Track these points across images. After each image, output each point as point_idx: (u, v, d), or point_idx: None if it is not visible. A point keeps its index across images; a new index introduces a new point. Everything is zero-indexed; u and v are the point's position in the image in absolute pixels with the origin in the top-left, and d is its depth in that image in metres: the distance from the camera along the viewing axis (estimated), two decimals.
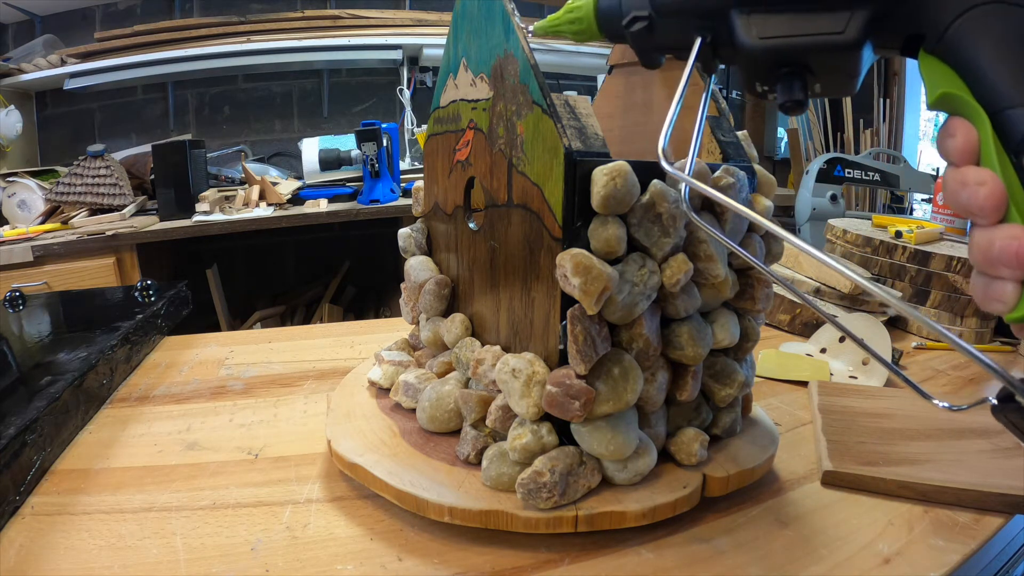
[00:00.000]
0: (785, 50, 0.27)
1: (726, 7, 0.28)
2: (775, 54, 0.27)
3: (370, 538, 0.36)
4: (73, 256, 1.52)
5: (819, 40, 0.26)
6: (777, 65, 0.27)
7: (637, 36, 0.32)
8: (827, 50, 0.26)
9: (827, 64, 0.27)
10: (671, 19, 0.30)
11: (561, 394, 0.34)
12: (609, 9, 0.33)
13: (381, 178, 1.75)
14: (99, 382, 0.55)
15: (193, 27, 2.03)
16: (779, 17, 0.27)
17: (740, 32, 0.27)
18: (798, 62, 0.27)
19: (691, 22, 0.30)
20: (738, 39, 0.27)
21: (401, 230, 0.52)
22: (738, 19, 0.27)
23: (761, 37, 0.27)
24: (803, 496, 0.41)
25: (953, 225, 0.95)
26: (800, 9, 0.26)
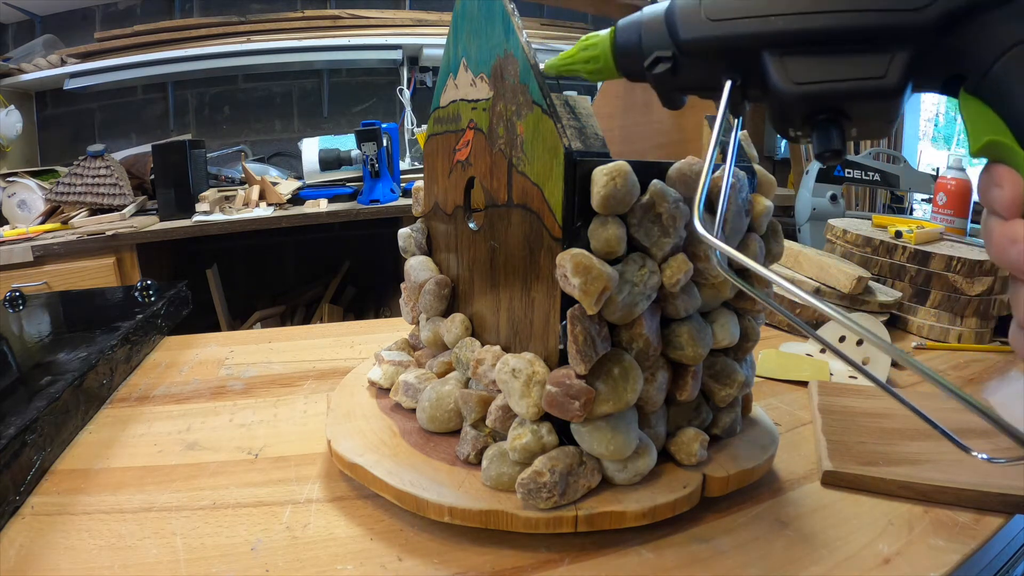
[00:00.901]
0: (822, 96, 0.25)
1: (758, 48, 0.26)
2: (811, 101, 0.25)
3: (370, 538, 0.36)
4: (73, 256, 1.52)
5: (859, 86, 0.24)
6: (813, 112, 0.25)
7: (660, 78, 0.30)
8: (867, 96, 0.24)
9: (866, 110, 0.25)
10: (697, 59, 0.28)
11: (561, 394, 0.34)
12: (628, 47, 0.31)
13: (381, 178, 1.75)
14: (99, 382, 0.55)
15: (193, 27, 2.03)
16: (814, 60, 0.25)
17: (773, 76, 0.26)
18: (835, 108, 0.25)
19: (719, 63, 0.28)
20: (771, 83, 0.26)
21: (401, 230, 0.52)
22: (771, 61, 0.26)
23: (797, 82, 0.25)
24: (803, 496, 0.41)
25: (953, 225, 0.95)
26: (837, 51, 0.25)
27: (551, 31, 2.36)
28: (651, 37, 0.30)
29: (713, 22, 0.27)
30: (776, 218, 0.42)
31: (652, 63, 0.29)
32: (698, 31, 0.27)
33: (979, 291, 0.70)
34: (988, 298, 0.70)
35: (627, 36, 0.31)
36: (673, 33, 0.28)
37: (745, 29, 0.26)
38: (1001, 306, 0.71)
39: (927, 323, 0.74)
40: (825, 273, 0.75)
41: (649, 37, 0.30)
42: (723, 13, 0.27)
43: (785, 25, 0.25)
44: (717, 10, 0.27)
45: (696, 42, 0.28)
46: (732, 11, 0.27)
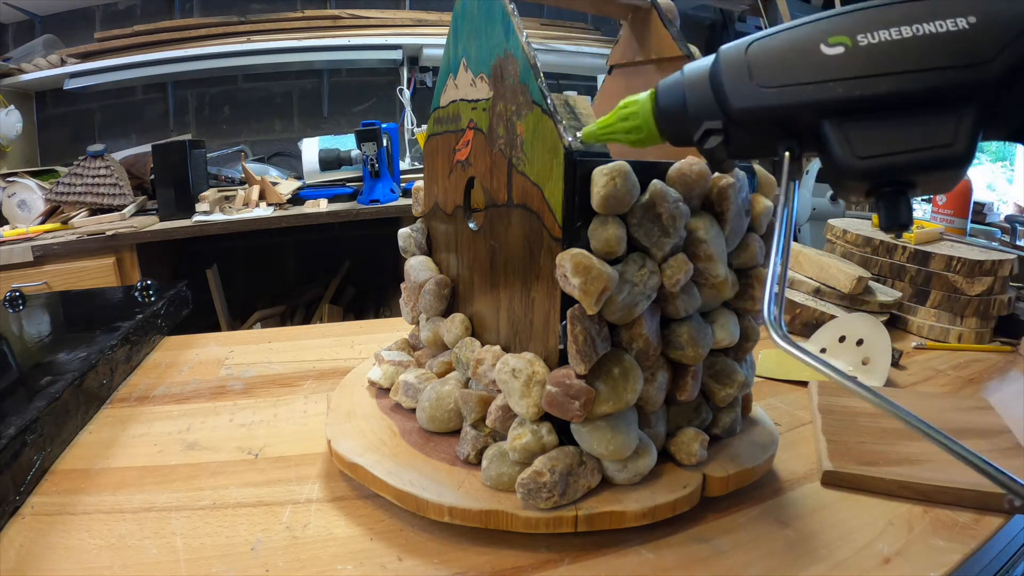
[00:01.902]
0: (889, 170, 0.23)
1: (816, 116, 0.24)
2: (877, 175, 0.24)
3: (370, 538, 0.36)
4: (73, 256, 1.52)
5: (926, 156, 0.23)
6: (878, 185, 0.24)
7: (712, 152, 0.28)
8: (936, 167, 0.23)
9: (934, 179, 0.24)
10: (750, 129, 0.27)
11: (561, 394, 0.34)
12: (672, 112, 0.29)
13: (381, 178, 1.75)
14: (99, 382, 0.55)
15: (193, 27, 2.03)
16: (877, 128, 0.24)
17: (836, 149, 0.24)
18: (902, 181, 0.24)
19: (774, 131, 0.26)
20: (833, 156, 0.24)
21: (401, 230, 0.52)
22: (831, 131, 0.24)
23: (861, 157, 0.24)
24: (803, 496, 0.41)
25: (953, 225, 0.95)
26: (899, 115, 0.23)
27: (551, 31, 2.35)
28: (697, 103, 0.28)
29: (765, 89, 0.25)
30: (776, 218, 0.42)
31: (703, 136, 0.28)
32: (750, 100, 0.26)
33: (979, 291, 0.70)
34: (988, 298, 0.70)
35: (670, 100, 0.29)
36: (722, 101, 0.27)
37: (802, 97, 0.25)
38: (1001, 306, 0.71)
39: (927, 323, 0.74)
40: (825, 273, 0.75)
41: (696, 102, 0.28)
42: (776, 80, 0.25)
43: (845, 92, 0.24)
44: (769, 77, 0.25)
45: (749, 112, 0.26)
46: (786, 77, 0.25)
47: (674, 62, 0.48)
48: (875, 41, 0.24)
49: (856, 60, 0.24)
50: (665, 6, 0.48)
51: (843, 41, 0.24)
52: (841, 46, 0.24)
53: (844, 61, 0.24)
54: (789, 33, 0.26)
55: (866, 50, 0.24)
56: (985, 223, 1.94)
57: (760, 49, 0.26)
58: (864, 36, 0.24)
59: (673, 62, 0.48)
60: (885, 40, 0.24)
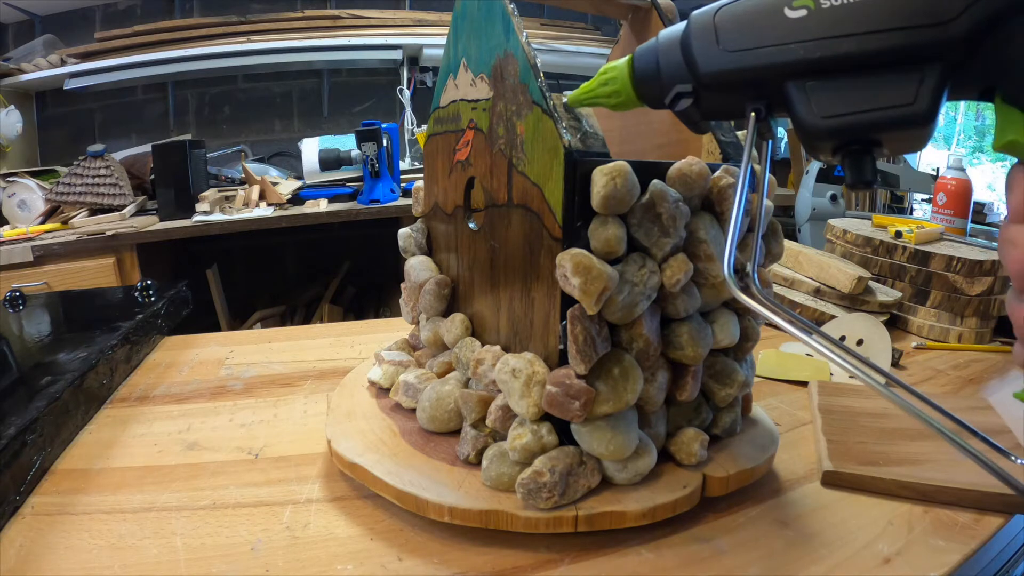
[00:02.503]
0: (851, 128, 0.24)
1: (780, 78, 0.25)
2: (840, 133, 0.24)
3: (370, 538, 0.36)
4: (73, 256, 1.52)
5: (888, 115, 0.23)
6: (843, 144, 0.25)
7: (683, 113, 0.29)
8: (898, 125, 0.23)
9: (898, 137, 0.24)
10: (719, 91, 0.28)
11: (561, 394, 0.34)
12: (647, 76, 0.30)
13: (381, 178, 1.75)
14: (99, 382, 0.55)
15: (193, 27, 2.03)
16: (840, 86, 0.24)
17: (800, 110, 0.25)
18: (866, 139, 0.24)
19: (741, 94, 0.27)
20: (798, 117, 0.25)
21: (401, 230, 0.52)
22: (795, 92, 0.25)
23: (824, 116, 0.24)
24: (803, 496, 0.41)
25: (953, 225, 0.95)
26: (861, 75, 0.24)
27: (551, 31, 2.36)
28: (670, 67, 0.29)
29: (731, 53, 0.26)
30: (776, 218, 0.42)
31: (674, 99, 0.29)
32: (717, 63, 0.27)
33: (979, 291, 0.70)
34: (988, 298, 0.70)
35: (645, 64, 0.30)
36: (691, 65, 0.28)
37: (765, 60, 0.25)
38: (1001, 306, 0.71)
39: (927, 323, 0.74)
40: (825, 273, 0.75)
41: (668, 67, 0.29)
42: (741, 43, 0.26)
43: (806, 53, 0.24)
44: (734, 40, 0.26)
45: (716, 75, 0.27)
46: (749, 41, 0.26)
47: None
48: (837, 3, 0.24)
49: (818, 22, 0.24)
50: (665, 6, 0.49)
51: (806, 4, 0.24)
52: (804, 8, 0.24)
53: (806, 23, 0.24)
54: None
55: (828, 12, 0.24)
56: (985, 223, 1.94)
57: (727, 14, 0.27)
58: None
59: None
60: (847, 2, 0.24)
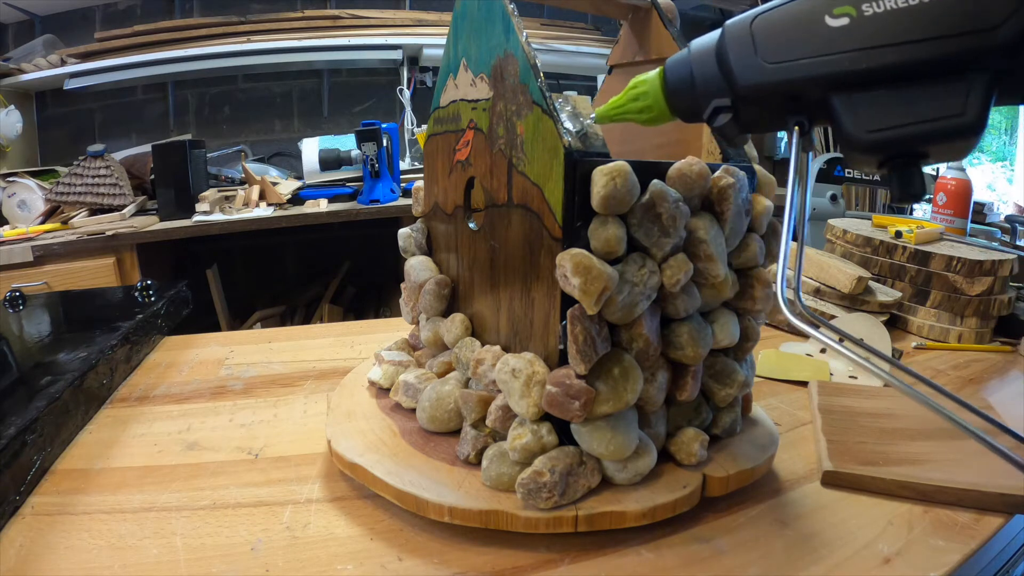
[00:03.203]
0: (899, 142, 0.23)
1: (824, 90, 0.24)
2: (887, 147, 0.23)
3: (370, 538, 0.36)
4: (73, 256, 1.52)
5: (937, 127, 0.22)
6: (890, 157, 0.24)
7: (722, 129, 0.28)
8: (947, 137, 0.22)
9: (946, 148, 0.23)
10: (759, 104, 0.27)
11: (561, 394, 0.34)
12: (680, 88, 0.29)
13: (381, 178, 1.75)
14: (99, 382, 0.55)
15: (193, 27, 2.03)
16: (886, 98, 0.23)
17: (846, 124, 0.24)
18: (913, 152, 0.23)
19: (783, 106, 0.26)
20: (844, 131, 0.24)
21: (401, 230, 0.52)
22: (840, 105, 0.24)
23: (870, 130, 0.23)
24: (803, 496, 0.41)
25: (953, 225, 0.95)
26: (908, 85, 0.23)
27: (551, 31, 2.35)
28: (705, 80, 0.28)
29: (771, 65, 0.25)
30: (776, 218, 0.42)
31: (712, 114, 0.28)
32: (757, 76, 0.26)
33: (979, 291, 0.70)
34: (988, 298, 0.70)
35: (678, 77, 0.29)
36: (729, 78, 0.26)
37: (808, 72, 0.24)
38: (1001, 306, 0.71)
39: (927, 323, 0.74)
40: (825, 273, 0.75)
41: (703, 79, 0.28)
42: (782, 55, 0.25)
43: (851, 64, 0.23)
44: (775, 51, 0.25)
45: (756, 87, 0.26)
46: (791, 52, 0.25)
47: None
48: (880, 10, 0.23)
49: (861, 31, 0.23)
50: (665, 6, 0.49)
51: (848, 11, 0.24)
52: (846, 16, 0.24)
53: (849, 32, 0.23)
54: (793, 5, 0.25)
55: (871, 20, 0.23)
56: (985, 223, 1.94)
57: (764, 23, 0.25)
58: (869, 5, 0.23)
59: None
60: (890, 8, 0.23)
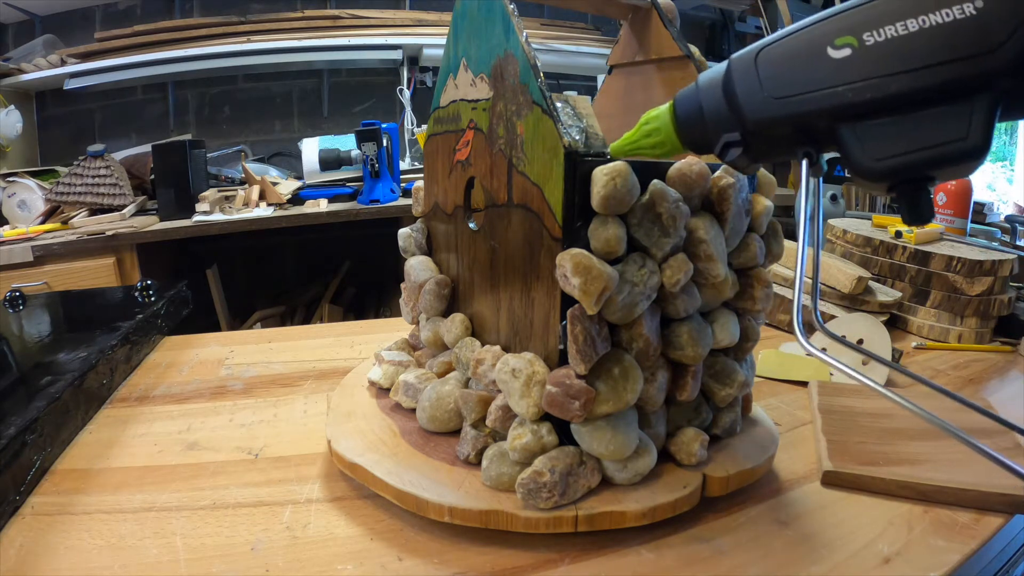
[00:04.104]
0: (906, 168, 0.24)
1: (830, 122, 0.25)
2: (895, 174, 0.24)
3: (370, 538, 0.36)
4: (73, 256, 1.51)
5: (941, 152, 0.23)
6: (898, 183, 0.24)
7: (734, 163, 0.29)
8: (952, 162, 0.23)
9: (951, 170, 0.24)
10: (768, 138, 0.27)
11: (561, 394, 0.34)
12: (690, 125, 0.30)
13: (381, 178, 1.75)
14: (99, 382, 0.55)
15: (193, 27, 2.03)
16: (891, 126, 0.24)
17: (854, 154, 0.24)
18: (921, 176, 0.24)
19: (791, 139, 0.27)
20: (852, 160, 0.25)
21: (401, 230, 0.52)
22: (847, 136, 0.25)
23: (878, 159, 0.24)
24: (803, 496, 0.41)
25: (953, 225, 0.95)
26: (912, 112, 0.23)
27: (551, 31, 2.35)
28: (714, 114, 0.28)
29: (778, 100, 0.26)
30: (776, 218, 0.42)
31: (723, 149, 0.29)
32: (764, 111, 0.26)
33: (979, 291, 0.70)
34: (988, 298, 0.70)
35: (687, 112, 0.30)
36: (737, 112, 0.27)
37: (814, 105, 0.25)
38: (1001, 306, 0.71)
39: (927, 323, 0.74)
40: (825, 273, 0.75)
41: (712, 114, 0.29)
42: (788, 90, 0.25)
43: (856, 96, 0.24)
44: (779, 86, 0.26)
45: (764, 123, 0.27)
46: (795, 86, 0.25)
47: (674, 62, 0.48)
48: (881, 39, 0.23)
49: (864, 62, 0.24)
50: (665, 6, 0.49)
51: (849, 42, 0.24)
52: (848, 48, 0.24)
53: (852, 63, 0.24)
54: (795, 37, 0.26)
55: (873, 49, 0.23)
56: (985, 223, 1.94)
57: (768, 57, 0.26)
58: (870, 34, 0.24)
59: (673, 62, 0.48)
60: (892, 36, 0.23)
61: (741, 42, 2.82)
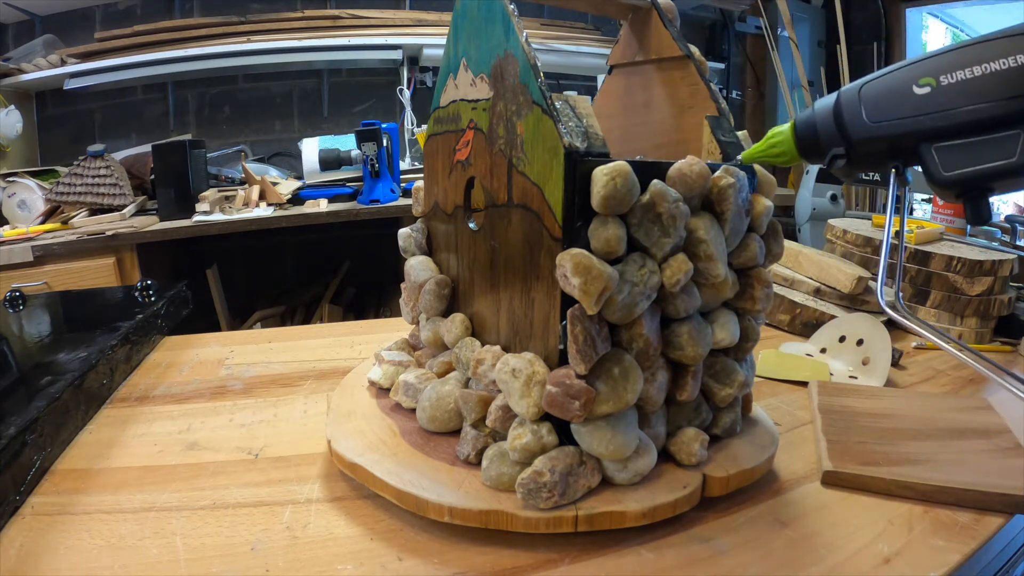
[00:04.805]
0: (969, 180, 0.32)
1: (914, 141, 0.33)
2: (961, 184, 0.32)
3: (370, 538, 0.36)
4: (73, 256, 1.51)
5: (995, 168, 0.31)
6: (963, 192, 0.32)
7: (839, 171, 0.37)
8: (1004, 176, 0.31)
9: (1005, 183, 0.32)
10: (866, 152, 0.35)
11: (561, 394, 0.34)
12: (807, 140, 0.38)
13: (381, 178, 1.75)
14: (99, 382, 0.55)
15: (193, 27, 2.03)
16: (959, 147, 0.32)
17: (931, 167, 0.32)
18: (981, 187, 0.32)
19: (884, 153, 0.35)
20: (929, 172, 0.33)
21: (401, 230, 0.52)
22: (926, 153, 0.33)
23: (947, 172, 0.32)
24: (803, 496, 0.41)
25: (953, 225, 0.95)
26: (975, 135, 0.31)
27: (551, 31, 2.35)
28: (826, 134, 0.37)
29: (875, 124, 0.34)
30: (776, 218, 0.42)
31: (831, 160, 0.37)
32: (865, 132, 0.35)
33: (979, 291, 0.70)
34: (988, 298, 0.70)
35: (806, 132, 0.38)
36: (843, 132, 0.36)
37: (901, 129, 0.33)
38: (1001, 306, 0.71)
39: (927, 323, 0.74)
40: (825, 273, 0.75)
41: (825, 134, 0.37)
42: (882, 116, 0.34)
43: (933, 123, 0.32)
44: (877, 113, 0.34)
45: (865, 141, 0.35)
46: (890, 114, 0.34)
47: (674, 62, 0.48)
48: (954, 81, 0.32)
49: (940, 97, 0.32)
50: (665, 6, 0.49)
51: (929, 82, 0.33)
52: (928, 86, 0.32)
53: (931, 98, 0.32)
54: (890, 76, 0.34)
55: (947, 88, 0.32)
56: None
57: (870, 91, 0.35)
58: (946, 77, 0.32)
59: (673, 62, 0.48)
60: (962, 79, 0.31)
61: (741, 42, 2.83)
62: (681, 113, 0.47)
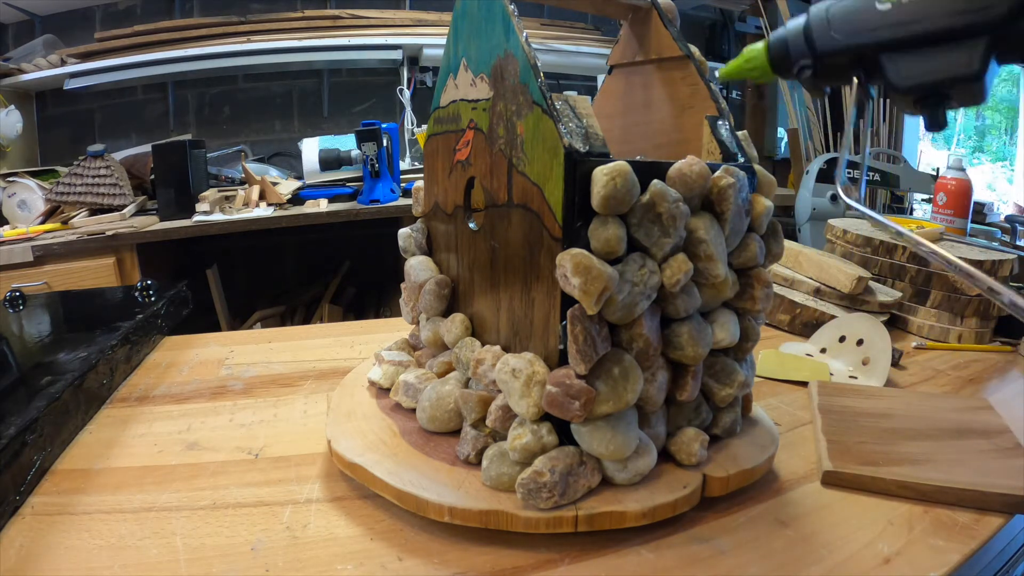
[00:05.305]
0: (926, 86, 0.34)
1: (875, 52, 0.36)
2: (919, 89, 0.35)
3: (370, 538, 0.36)
4: (73, 256, 1.51)
5: (951, 76, 0.33)
6: (922, 97, 0.35)
7: (806, 81, 0.40)
8: (959, 82, 0.33)
9: (960, 91, 0.34)
10: (831, 64, 0.38)
11: (561, 394, 0.34)
12: (779, 56, 0.41)
13: (381, 178, 1.75)
14: (99, 382, 0.55)
15: (193, 27, 2.03)
16: (917, 56, 0.34)
17: (890, 74, 0.35)
18: (938, 93, 0.34)
19: (847, 65, 0.38)
20: (889, 79, 0.35)
21: (401, 230, 0.52)
22: (886, 62, 0.35)
23: (906, 78, 0.35)
24: (803, 496, 0.41)
25: (953, 225, 0.95)
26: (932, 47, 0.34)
27: (551, 31, 2.35)
28: (796, 47, 0.39)
29: (840, 36, 0.37)
30: (776, 218, 0.42)
31: (799, 70, 0.40)
32: (829, 44, 0.38)
33: (979, 291, 0.70)
34: (988, 298, 0.70)
35: (778, 47, 0.41)
36: (811, 45, 0.38)
37: (865, 40, 0.36)
38: (1001, 306, 0.71)
39: (927, 323, 0.74)
40: (825, 273, 0.75)
41: (795, 49, 0.40)
42: (847, 29, 0.37)
43: (892, 35, 0.35)
44: (842, 28, 0.37)
45: (830, 53, 0.38)
46: (853, 27, 0.36)
47: (674, 62, 0.48)
48: None
49: (900, 13, 0.34)
50: (665, 6, 0.49)
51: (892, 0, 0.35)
52: (889, 3, 0.35)
53: (891, 14, 0.35)
54: None
55: (907, 5, 0.34)
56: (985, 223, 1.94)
57: (835, 9, 0.37)
58: None
59: (673, 62, 0.48)
60: None
61: (741, 42, 2.82)
62: (681, 113, 0.47)
